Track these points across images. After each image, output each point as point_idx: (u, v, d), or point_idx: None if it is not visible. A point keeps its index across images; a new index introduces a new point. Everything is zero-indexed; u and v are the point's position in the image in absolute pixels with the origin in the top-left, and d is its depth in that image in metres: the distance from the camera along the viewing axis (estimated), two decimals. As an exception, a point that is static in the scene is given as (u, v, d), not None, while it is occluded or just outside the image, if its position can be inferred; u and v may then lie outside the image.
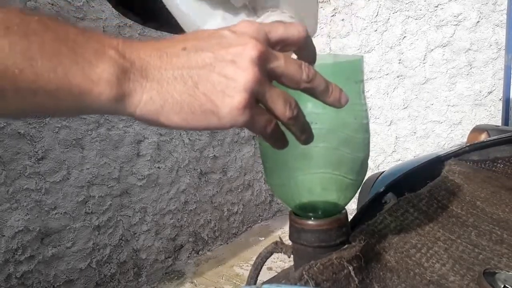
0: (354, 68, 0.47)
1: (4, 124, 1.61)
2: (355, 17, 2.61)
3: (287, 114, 0.35)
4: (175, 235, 2.32)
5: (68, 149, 1.82)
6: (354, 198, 0.51)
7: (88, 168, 1.89)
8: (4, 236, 1.64)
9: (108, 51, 0.31)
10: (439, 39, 2.40)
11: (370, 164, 0.50)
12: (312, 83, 0.36)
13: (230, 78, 0.32)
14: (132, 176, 2.08)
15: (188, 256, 2.41)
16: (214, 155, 2.49)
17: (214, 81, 0.32)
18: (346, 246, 0.46)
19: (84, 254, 1.91)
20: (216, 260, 2.41)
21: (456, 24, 2.34)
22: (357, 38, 2.63)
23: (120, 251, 2.06)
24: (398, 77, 2.55)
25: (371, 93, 2.60)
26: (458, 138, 2.43)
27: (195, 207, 2.41)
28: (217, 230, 2.56)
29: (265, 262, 0.50)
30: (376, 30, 2.57)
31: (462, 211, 0.60)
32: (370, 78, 2.59)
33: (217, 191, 2.53)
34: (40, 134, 1.72)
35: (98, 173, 1.93)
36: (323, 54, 0.50)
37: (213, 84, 0.32)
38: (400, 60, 2.53)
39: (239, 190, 2.70)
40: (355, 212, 0.64)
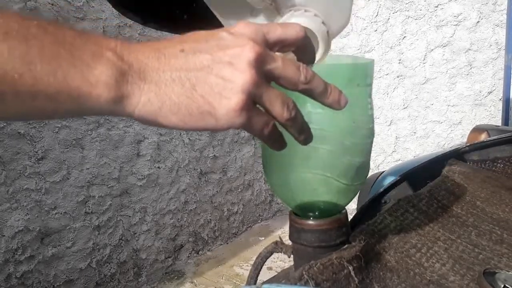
0: (358, 71, 0.47)
1: (4, 124, 1.61)
2: (355, 17, 2.61)
3: (285, 115, 0.35)
4: (175, 235, 2.32)
5: (68, 149, 1.82)
6: (353, 199, 0.51)
7: (88, 168, 1.89)
8: (4, 236, 1.64)
9: (106, 53, 0.32)
10: (439, 39, 2.40)
11: (370, 164, 0.50)
12: (310, 85, 0.36)
13: (228, 80, 0.32)
14: (132, 176, 2.08)
15: (188, 256, 2.41)
16: (214, 155, 2.49)
17: (212, 83, 0.33)
18: (346, 246, 0.46)
19: (84, 254, 1.91)
20: (216, 260, 2.41)
21: (456, 24, 2.34)
22: (357, 38, 2.63)
23: (120, 251, 2.06)
24: (398, 77, 2.55)
25: (371, 93, 2.60)
26: (458, 138, 2.43)
27: (195, 207, 2.41)
28: (217, 230, 2.56)
29: (265, 262, 0.50)
30: (376, 30, 2.57)
31: (462, 211, 0.60)
32: (370, 78, 2.59)
33: (217, 191, 2.53)
34: (40, 134, 1.72)
35: (98, 173, 1.93)
36: (340, 55, 0.49)
37: (210, 86, 0.33)
38: (400, 60, 2.53)
39: (239, 190, 2.70)
40: (355, 212, 0.64)
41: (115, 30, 1.94)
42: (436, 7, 2.38)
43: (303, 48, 0.38)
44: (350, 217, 0.54)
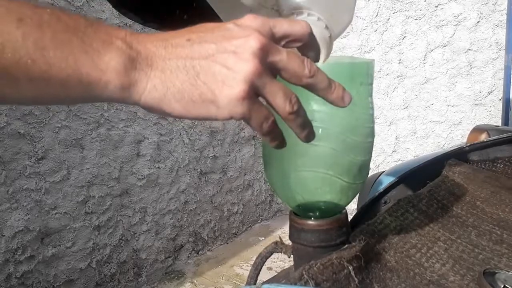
0: (359, 70, 0.47)
1: (4, 124, 1.61)
2: (355, 17, 2.61)
3: (287, 109, 0.35)
4: (175, 235, 2.32)
5: (68, 149, 1.82)
6: (354, 198, 0.51)
7: (88, 168, 1.89)
8: (4, 236, 1.64)
9: (116, 42, 0.32)
10: (439, 39, 2.40)
11: (370, 164, 0.50)
12: (314, 79, 0.36)
13: (231, 69, 0.33)
14: (132, 176, 2.08)
15: (188, 256, 2.41)
16: (214, 155, 2.49)
17: (215, 71, 0.33)
18: (346, 246, 0.45)
19: (84, 254, 1.91)
20: (216, 260, 2.41)
21: (456, 24, 2.34)
22: (357, 38, 2.63)
23: (120, 251, 2.06)
24: (398, 77, 2.55)
25: (371, 93, 2.60)
26: (458, 138, 2.44)
27: (195, 207, 2.41)
28: (217, 230, 2.56)
29: (265, 262, 0.50)
30: (376, 30, 2.57)
31: (462, 211, 0.60)
32: (370, 78, 2.59)
33: (217, 191, 2.53)
34: (40, 134, 1.72)
35: (98, 173, 1.93)
36: (338, 56, 0.48)
37: (213, 74, 0.33)
38: (400, 60, 2.53)
39: (239, 190, 2.70)
40: (355, 212, 0.64)
41: (115, 30, 1.94)
42: (436, 7, 2.38)
43: (308, 45, 0.38)
44: (350, 217, 0.54)
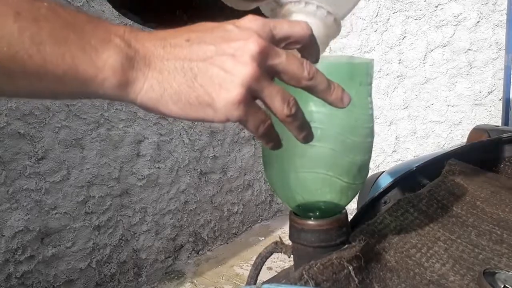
0: (358, 70, 0.47)
1: (4, 124, 1.61)
2: (355, 17, 2.61)
3: (285, 112, 0.35)
4: (175, 235, 2.32)
5: (68, 149, 1.81)
6: (354, 198, 0.51)
7: (88, 168, 1.89)
8: (4, 236, 1.64)
9: (114, 39, 0.32)
10: (439, 39, 2.40)
11: (370, 164, 0.50)
12: (313, 81, 0.36)
13: (229, 72, 0.33)
14: (132, 176, 2.08)
15: (188, 256, 2.41)
16: (214, 155, 2.49)
17: (213, 74, 0.33)
18: (346, 246, 0.45)
19: (84, 254, 1.91)
20: (216, 260, 2.41)
21: (456, 24, 2.34)
22: (357, 38, 2.63)
23: (120, 251, 2.06)
24: (398, 77, 2.55)
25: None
26: (458, 138, 2.44)
27: (195, 207, 2.41)
28: (217, 230, 2.56)
29: (265, 262, 0.50)
30: (376, 30, 2.57)
31: (462, 211, 0.60)
32: (370, 78, 2.59)
33: (217, 191, 2.53)
34: (40, 134, 1.72)
35: (98, 173, 1.93)
36: (337, 55, 0.47)
37: (211, 77, 0.33)
38: (400, 60, 2.53)
39: (239, 190, 2.70)
40: (355, 212, 0.64)
41: (115, 30, 1.94)
42: (436, 7, 2.38)
43: (308, 47, 0.38)
44: (350, 217, 0.54)
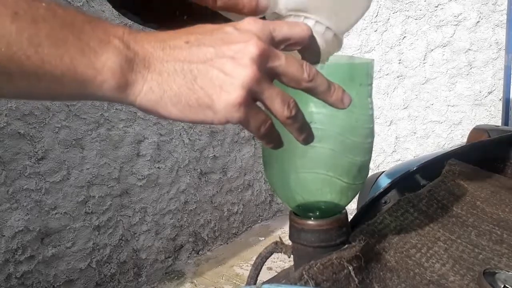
0: (359, 70, 0.47)
1: (4, 124, 1.61)
2: (355, 17, 2.61)
3: (285, 114, 0.35)
4: (175, 235, 2.32)
5: (68, 149, 1.81)
6: (354, 198, 0.51)
7: (88, 168, 1.89)
8: (4, 236, 1.64)
9: (113, 41, 0.32)
10: (439, 39, 2.40)
11: (370, 164, 0.50)
12: (313, 83, 0.36)
13: (229, 74, 0.33)
14: (132, 176, 2.08)
15: (188, 256, 2.41)
16: (214, 155, 2.49)
17: (213, 76, 0.33)
18: (346, 246, 0.45)
19: (84, 254, 1.91)
20: (216, 260, 2.41)
21: (456, 24, 2.34)
22: (357, 38, 2.63)
23: (120, 251, 2.06)
24: (398, 77, 2.55)
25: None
26: (458, 138, 2.44)
27: (195, 207, 2.41)
28: (217, 230, 2.56)
29: (265, 262, 0.50)
30: (376, 30, 2.57)
31: (462, 211, 0.60)
32: (370, 78, 2.59)
33: (217, 191, 2.53)
34: (40, 134, 1.72)
35: (98, 173, 1.93)
36: (337, 55, 0.47)
37: (211, 79, 0.33)
38: (400, 60, 2.53)
39: (239, 190, 2.70)
40: (355, 212, 0.64)
41: (115, 30, 1.94)
42: (436, 7, 2.38)
43: (308, 48, 0.38)
44: (350, 217, 0.54)
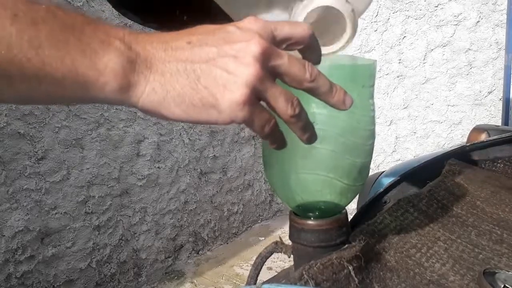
0: (361, 72, 0.46)
1: (4, 124, 1.61)
2: (355, 17, 2.61)
3: (288, 112, 0.35)
4: (175, 235, 2.32)
5: (68, 149, 1.81)
6: (354, 199, 0.51)
7: (88, 168, 1.89)
8: (4, 236, 1.64)
9: (114, 42, 0.32)
10: (439, 39, 2.40)
11: (370, 165, 0.50)
12: (315, 83, 0.36)
13: (232, 73, 0.32)
14: (132, 176, 2.08)
15: (188, 256, 2.41)
16: (214, 155, 2.49)
17: (216, 75, 0.33)
18: (346, 246, 0.45)
19: (84, 254, 1.91)
20: (216, 260, 2.41)
21: (456, 24, 2.34)
22: (357, 38, 2.63)
23: (120, 251, 2.06)
24: (398, 77, 2.55)
25: (371, 93, 2.60)
26: (458, 138, 2.43)
27: (195, 207, 2.41)
28: (217, 230, 2.56)
29: (265, 262, 0.50)
30: (376, 30, 2.57)
31: (462, 211, 0.60)
32: (370, 78, 2.59)
33: (217, 191, 2.53)
34: (40, 134, 1.72)
35: (98, 173, 1.93)
36: (339, 55, 0.46)
37: (215, 78, 0.33)
38: (400, 60, 2.53)
39: (239, 190, 2.70)
40: (355, 212, 0.64)
41: (115, 30, 1.94)
42: (436, 7, 2.38)
43: (309, 48, 0.38)
44: (350, 217, 0.54)
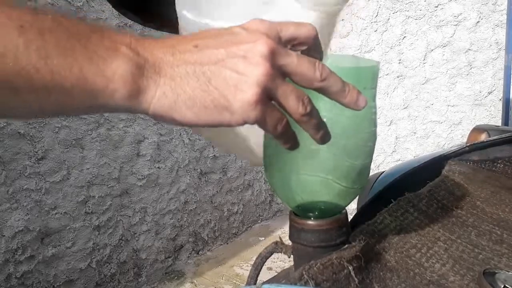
0: (364, 74, 0.46)
1: (4, 124, 1.61)
2: (355, 17, 2.61)
3: (300, 111, 0.34)
4: (175, 235, 2.32)
5: (68, 149, 1.81)
6: (353, 200, 0.51)
7: (88, 168, 1.89)
8: (4, 236, 1.64)
9: (121, 48, 0.32)
10: (439, 39, 2.40)
11: (370, 167, 0.50)
12: (326, 82, 0.35)
13: (242, 73, 0.32)
14: (132, 176, 2.08)
15: (188, 256, 2.41)
16: (214, 155, 2.49)
17: (226, 76, 0.32)
18: (346, 246, 0.45)
19: (84, 254, 1.91)
20: (216, 260, 2.41)
21: (456, 24, 2.34)
22: (357, 38, 2.63)
23: (120, 251, 2.06)
24: (398, 77, 2.55)
25: (371, 93, 2.60)
26: (458, 138, 2.43)
27: (195, 207, 2.41)
28: (217, 230, 2.56)
29: (265, 262, 0.50)
30: (376, 30, 2.57)
31: (462, 211, 0.60)
32: (370, 78, 2.59)
33: (217, 191, 2.53)
34: (40, 134, 1.72)
35: (98, 173, 1.93)
36: (340, 54, 0.46)
37: (225, 79, 0.32)
38: (400, 60, 2.53)
39: (239, 190, 2.70)
40: (355, 212, 0.64)
41: (115, 30, 1.94)
42: (436, 7, 2.38)
43: (313, 48, 0.38)
44: (350, 217, 0.54)
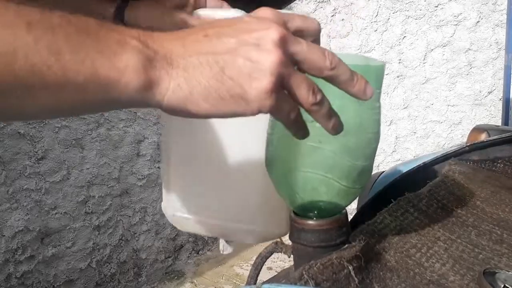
0: (370, 73, 0.46)
1: (4, 124, 1.61)
2: (355, 17, 2.61)
3: (310, 100, 0.34)
4: (175, 235, 2.32)
5: (68, 149, 1.81)
6: (353, 201, 0.51)
7: (88, 168, 1.89)
8: (4, 236, 1.64)
9: (131, 41, 0.31)
10: (439, 39, 2.40)
11: (372, 169, 0.50)
12: (336, 71, 0.35)
13: (255, 61, 0.32)
14: (132, 176, 2.08)
15: (188, 256, 2.41)
16: (214, 155, 2.49)
17: (240, 65, 0.32)
18: (346, 246, 0.45)
19: (84, 254, 1.91)
20: (216, 260, 2.41)
21: (456, 24, 2.34)
22: (357, 38, 2.63)
23: (120, 251, 2.06)
24: (398, 77, 2.55)
25: (371, 93, 2.60)
26: (458, 138, 2.43)
27: (195, 207, 2.41)
28: (217, 230, 2.56)
29: (265, 262, 0.50)
30: (376, 30, 2.57)
31: (462, 211, 0.60)
32: (370, 78, 2.59)
33: (217, 191, 2.53)
34: (40, 134, 1.72)
35: (98, 173, 1.93)
36: (346, 53, 0.46)
37: (239, 68, 0.32)
38: (400, 60, 2.53)
39: (239, 190, 2.69)
40: (355, 212, 0.64)
41: (115, 30, 1.94)
42: (436, 7, 2.38)
43: (316, 42, 0.38)
44: (350, 217, 0.54)
